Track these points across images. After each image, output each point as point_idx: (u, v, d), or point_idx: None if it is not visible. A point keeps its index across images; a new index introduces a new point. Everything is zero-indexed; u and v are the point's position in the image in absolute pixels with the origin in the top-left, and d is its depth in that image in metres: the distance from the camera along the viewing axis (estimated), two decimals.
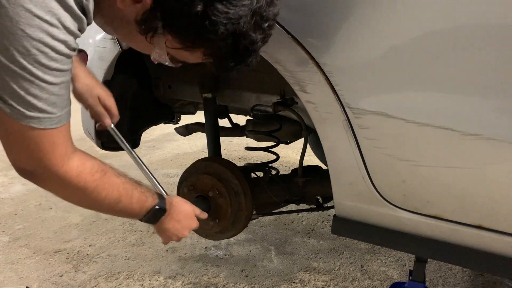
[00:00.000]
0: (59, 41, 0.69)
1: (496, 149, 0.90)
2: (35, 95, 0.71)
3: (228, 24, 0.74)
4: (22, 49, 0.66)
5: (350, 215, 1.15)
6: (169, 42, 0.81)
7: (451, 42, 0.88)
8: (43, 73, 0.69)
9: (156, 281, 1.84)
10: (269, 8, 0.79)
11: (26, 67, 0.67)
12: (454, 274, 1.84)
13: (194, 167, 1.50)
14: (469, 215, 0.99)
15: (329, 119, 1.06)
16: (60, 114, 0.76)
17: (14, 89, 0.69)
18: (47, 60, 0.69)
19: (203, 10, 0.72)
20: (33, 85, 0.69)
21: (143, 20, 0.78)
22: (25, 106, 0.71)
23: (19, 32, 0.65)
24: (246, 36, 0.78)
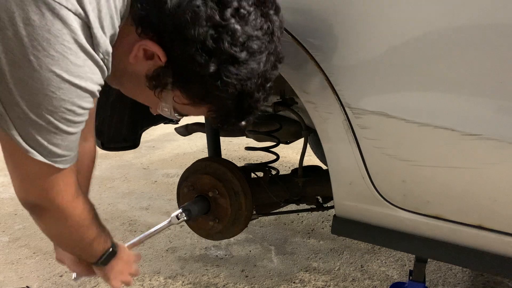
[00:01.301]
0: (85, 98, 0.73)
1: (496, 149, 0.90)
2: (57, 144, 0.75)
3: (238, 85, 0.79)
4: (51, 107, 0.70)
5: (350, 215, 1.15)
6: (177, 98, 0.84)
7: (451, 42, 0.88)
8: (67, 126, 0.74)
9: (156, 281, 1.84)
10: (272, 71, 0.84)
11: (52, 122, 0.71)
12: (454, 274, 1.84)
13: (194, 167, 1.50)
14: (469, 215, 0.99)
15: (329, 119, 1.06)
16: (74, 154, 0.81)
17: (37, 139, 0.73)
18: (72, 116, 0.73)
19: (216, 71, 0.76)
20: (56, 136, 0.74)
21: (154, 76, 0.81)
22: (46, 153, 0.75)
23: (50, 93, 0.69)
24: (251, 95, 0.83)
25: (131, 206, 2.55)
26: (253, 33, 0.77)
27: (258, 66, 0.79)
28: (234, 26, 0.75)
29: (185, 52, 0.75)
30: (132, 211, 2.46)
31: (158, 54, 0.77)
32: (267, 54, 0.81)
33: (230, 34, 0.75)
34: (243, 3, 0.76)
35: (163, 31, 0.75)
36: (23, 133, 0.72)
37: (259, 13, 0.78)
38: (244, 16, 0.76)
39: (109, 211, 2.49)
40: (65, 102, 0.71)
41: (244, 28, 0.76)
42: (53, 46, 0.66)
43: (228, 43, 0.75)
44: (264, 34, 0.79)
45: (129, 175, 3.10)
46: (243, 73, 0.78)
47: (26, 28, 0.65)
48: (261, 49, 0.79)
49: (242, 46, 0.76)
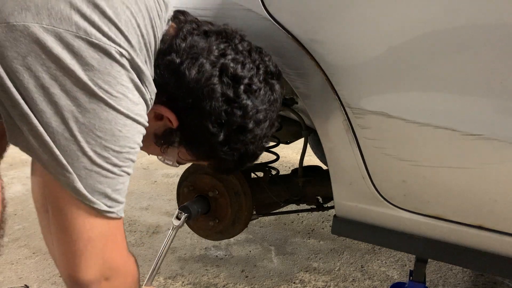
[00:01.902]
0: (141, 134, 0.75)
1: (497, 149, 0.90)
2: (118, 190, 0.73)
3: (242, 149, 0.88)
4: (118, 148, 0.70)
5: (350, 215, 1.15)
6: (182, 154, 0.90)
7: (451, 42, 0.88)
8: (128, 167, 0.74)
9: (156, 281, 1.84)
10: (270, 130, 0.92)
11: (118, 164, 0.71)
12: (454, 274, 1.84)
13: (194, 167, 1.49)
14: (469, 215, 0.99)
15: (329, 119, 1.06)
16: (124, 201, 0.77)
17: (102, 189, 0.71)
18: (134, 156, 0.74)
19: (225, 138, 0.84)
20: (119, 181, 0.73)
21: (163, 136, 0.87)
22: (110, 203, 0.72)
23: (117, 132, 0.70)
24: (252, 155, 0.92)
25: (131, 206, 2.55)
26: (262, 107, 0.85)
27: (261, 132, 0.88)
28: (245, 102, 0.83)
29: (198, 122, 0.82)
30: (132, 211, 2.46)
31: (171, 119, 0.83)
32: (269, 120, 0.89)
33: (242, 109, 0.83)
34: (254, 80, 0.84)
35: (179, 99, 0.81)
36: (89, 184, 0.69)
37: (268, 87, 0.87)
38: (255, 92, 0.84)
39: None
40: (129, 140, 0.72)
41: (254, 102, 0.84)
42: (114, 87, 0.68)
43: (239, 116, 0.83)
44: (270, 106, 0.88)
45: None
46: (248, 138, 0.86)
47: (87, 73, 0.66)
48: (266, 118, 0.87)
49: (251, 117, 0.84)
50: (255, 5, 1.02)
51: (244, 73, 0.83)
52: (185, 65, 0.79)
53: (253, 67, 0.85)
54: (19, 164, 3.25)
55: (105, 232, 0.74)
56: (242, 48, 0.85)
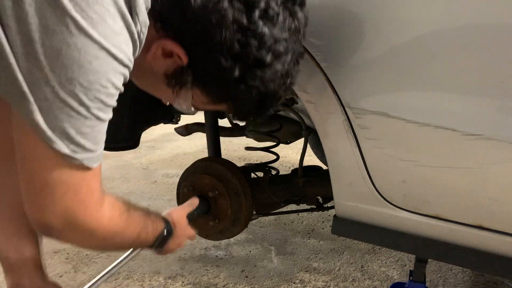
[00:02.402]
0: (119, 74, 0.66)
1: (497, 149, 0.90)
2: (85, 134, 0.65)
3: (261, 87, 0.76)
4: (86, 83, 0.61)
5: (350, 215, 1.15)
6: (196, 96, 0.80)
7: (452, 42, 0.88)
8: (98, 110, 0.65)
9: (155, 281, 1.84)
10: (295, 68, 0.81)
11: (84, 103, 0.63)
12: (454, 275, 1.84)
13: (194, 167, 1.49)
14: (469, 215, 0.99)
15: (329, 119, 1.06)
16: (100, 151, 0.71)
17: (64, 127, 0.63)
18: (105, 97, 0.65)
19: (241, 74, 0.73)
20: (86, 123, 0.65)
21: (173, 75, 0.77)
22: (73, 146, 0.65)
23: (87, 64, 0.61)
24: (273, 95, 0.80)
25: None
26: (281, 36, 0.74)
27: (282, 67, 0.76)
28: (262, 29, 0.71)
29: (209, 56, 0.72)
30: None
31: (179, 55, 0.73)
32: (292, 54, 0.78)
33: (258, 38, 0.71)
34: (271, 3, 0.72)
35: (186, 31, 0.71)
36: (49, 118, 0.62)
37: (287, 12, 0.75)
38: (272, 18, 0.72)
39: None
40: (100, 77, 0.62)
41: (272, 31, 0.72)
42: (92, 6, 0.59)
43: (255, 47, 0.71)
44: (292, 35, 0.76)
45: (129, 175, 3.10)
46: (267, 75, 0.75)
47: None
48: (287, 50, 0.76)
49: (269, 49, 0.73)
50: None
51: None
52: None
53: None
54: None
55: (65, 180, 0.67)
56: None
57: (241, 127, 1.73)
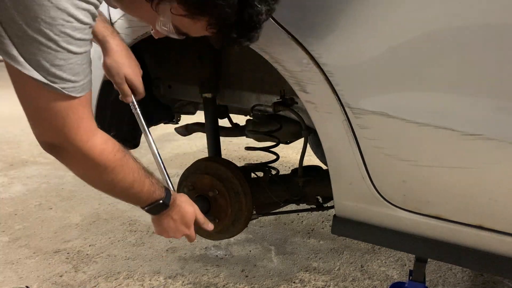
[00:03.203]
0: (82, 10, 0.70)
1: (496, 149, 0.90)
2: (60, 66, 0.71)
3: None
4: (49, 19, 0.67)
5: (350, 215, 1.15)
6: (175, 9, 0.81)
7: (451, 42, 0.88)
8: (67, 43, 0.70)
9: (156, 281, 1.84)
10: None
11: (52, 38, 0.68)
12: (454, 274, 1.84)
13: (194, 167, 1.50)
14: (469, 215, 0.99)
15: (329, 119, 1.06)
16: (83, 82, 0.77)
17: (38, 60, 0.69)
18: (71, 30, 0.70)
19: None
20: (58, 56, 0.70)
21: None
22: (50, 77, 0.72)
23: (45, 2, 0.66)
24: (252, 5, 0.79)
25: (131, 206, 2.53)
26: None
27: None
28: None
29: None
30: (132, 211, 2.46)
31: None
32: None
33: None
34: None
35: None
36: (23, 53, 0.69)
37: None
38: None
39: (109, 211, 2.49)
40: (61, 12, 0.68)
41: None
42: None
43: None
44: None
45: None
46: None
47: None
48: None
49: None
50: None
51: None
52: None
53: None
54: (19, 164, 3.25)
55: (52, 107, 0.75)
56: None
57: (241, 127, 1.73)
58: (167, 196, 1.04)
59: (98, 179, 0.90)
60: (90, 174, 0.89)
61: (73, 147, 0.81)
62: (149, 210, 1.03)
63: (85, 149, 0.82)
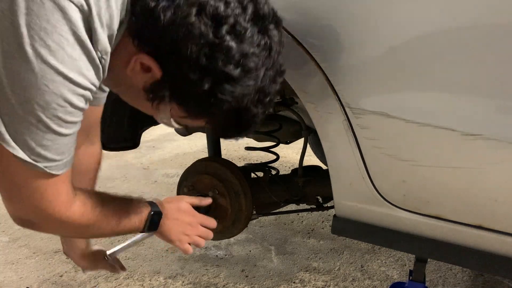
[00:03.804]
0: (78, 96, 0.71)
1: (496, 149, 0.90)
2: (46, 146, 0.71)
3: (233, 102, 0.77)
4: (43, 103, 0.67)
5: (350, 215, 1.15)
6: (174, 111, 0.83)
7: (451, 42, 0.88)
8: (57, 126, 0.71)
9: (156, 281, 1.84)
10: (271, 85, 0.82)
11: (42, 120, 0.68)
12: (454, 274, 1.84)
13: (194, 167, 1.49)
14: (469, 215, 0.99)
15: (329, 119, 1.06)
16: (66, 160, 0.77)
17: (25, 139, 0.70)
18: (63, 114, 0.70)
19: (210, 88, 0.75)
20: (45, 137, 0.70)
21: (151, 89, 0.80)
22: (34, 156, 0.71)
23: (43, 87, 0.66)
24: (248, 111, 0.81)
25: None
26: (249, 51, 0.75)
27: (254, 82, 0.77)
28: (228, 44, 0.72)
29: (179, 69, 0.75)
30: None
31: (153, 68, 0.77)
32: (265, 70, 0.78)
33: (225, 52, 0.73)
34: (239, 19, 0.73)
35: (158, 46, 0.75)
36: (11, 131, 0.69)
37: (257, 29, 0.76)
38: (240, 33, 0.74)
39: None
40: (57, 97, 0.68)
41: (240, 46, 0.74)
42: (50, 36, 0.64)
43: (222, 61, 0.73)
44: (262, 51, 0.77)
45: (129, 175, 3.10)
46: (238, 90, 0.76)
47: (25, 18, 0.63)
48: (258, 66, 0.77)
49: (237, 64, 0.74)
50: None
51: (227, 12, 0.73)
52: (159, 8, 0.72)
53: (238, 6, 0.74)
54: None
55: (30, 184, 0.74)
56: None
57: None
58: (153, 205, 1.03)
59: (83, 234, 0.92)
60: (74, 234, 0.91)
61: (51, 220, 0.81)
62: (149, 229, 1.02)
63: (64, 218, 0.82)
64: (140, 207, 1.00)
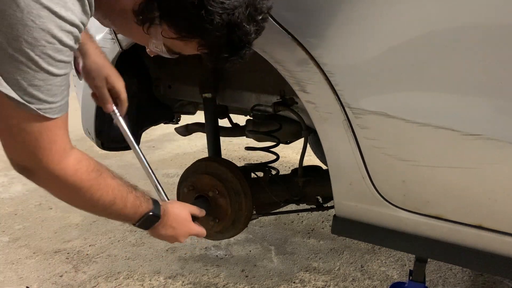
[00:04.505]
0: (66, 32, 0.70)
1: (496, 149, 0.90)
2: (37, 86, 0.71)
3: (224, 14, 0.77)
4: (31, 39, 0.66)
5: (350, 215, 1.15)
6: (165, 32, 0.82)
7: (451, 42, 0.88)
8: (48, 64, 0.70)
9: (156, 281, 1.84)
10: (262, 1, 0.82)
11: (32, 58, 0.68)
12: (454, 274, 1.84)
13: (194, 167, 1.49)
14: (469, 215, 0.99)
15: (329, 119, 1.06)
16: (60, 104, 0.76)
17: (16, 79, 0.69)
18: (53, 52, 0.70)
19: (200, 0, 0.75)
20: (36, 76, 0.70)
21: (140, 11, 0.79)
22: (26, 96, 0.71)
23: (30, 23, 0.65)
24: (240, 27, 0.80)
25: None
26: None
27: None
28: None
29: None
30: None
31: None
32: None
33: None
34: None
35: None
36: (2, 71, 0.68)
37: None
38: None
39: None
40: (45, 34, 0.67)
41: None
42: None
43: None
44: None
45: (129, 175, 3.09)
46: (228, 1, 0.76)
47: None
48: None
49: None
50: None
51: None
52: None
53: None
54: None
55: (25, 127, 0.74)
56: None
57: (241, 127, 1.73)
58: (156, 207, 1.00)
59: (75, 200, 0.89)
60: (66, 195, 0.87)
61: (45, 169, 0.79)
62: (140, 225, 0.99)
63: (57, 170, 0.80)
64: (141, 201, 0.97)
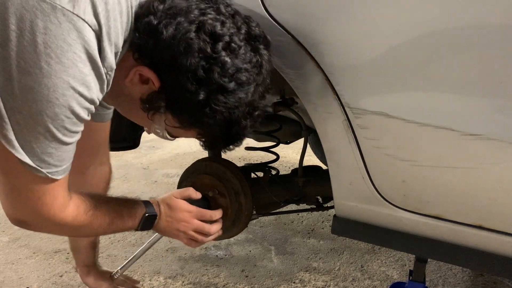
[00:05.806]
0: (84, 108, 0.76)
1: (496, 149, 0.90)
2: (50, 154, 0.77)
3: (225, 112, 0.84)
4: (52, 114, 0.72)
5: (350, 215, 1.15)
6: (168, 121, 0.89)
7: (451, 42, 0.88)
8: (63, 135, 0.76)
9: (156, 281, 1.84)
10: (260, 100, 0.90)
11: (51, 130, 0.74)
12: (454, 274, 1.84)
13: (194, 167, 1.49)
14: (469, 215, 0.99)
15: (329, 119, 1.06)
16: (66, 166, 0.82)
17: (32, 148, 0.75)
18: (70, 125, 0.76)
19: (205, 98, 0.81)
20: (50, 145, 0.76)
21: (147, 100, 0.85)
22: (38, 162, 0.76)
23: (54, 100, 0.71)
24: (239, 123, 0.88)
25: None
26: (242, 66, 0.82)
27: (246, 96, 0.84)
28: (224, 58, 0.80)
29: (177, 80, 0.80)
30: None
31: (153, 80, 0.82)
32: (255, 85, 0.85)
33: (220, 65, 0.80)
34: (234, 38, 0.81)
35: (158, 59, 0.81)
36: (19, 139, 0.74)
37: (249, 47, 0.84)
38: (234, 50, 0.81)
39: None
40: (65, 110, 0.73)
41: (234, 61, 0.81)
42: (65, 54, 0.70)
43: (218, 74, 0.80)
44: (253, 67, 0.84)
45: (129, 175, 3.10)
46: (231, 101, 0.83)
47: (43, 37, 0.68)
48: (249, 80, 0.84)
49: (231, 77, 0.81)
50: (255, 5, 1.02)
51: (224, 31, 0.81)
52: (162, 25, 0.79)
53: (233, 26, 0.82)
54: None
55: (31, 187, 0.80)
56: (225, 11, 0.84)
57: None
58: (149, 207, 1.08)
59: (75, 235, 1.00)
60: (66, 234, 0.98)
61: (46, 221, 0.86)
62: (142, 228, 1.07)
63: (57, 220, 0.87)
64: (135, 209, 1.05)
